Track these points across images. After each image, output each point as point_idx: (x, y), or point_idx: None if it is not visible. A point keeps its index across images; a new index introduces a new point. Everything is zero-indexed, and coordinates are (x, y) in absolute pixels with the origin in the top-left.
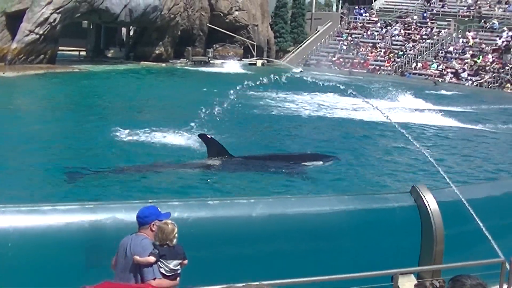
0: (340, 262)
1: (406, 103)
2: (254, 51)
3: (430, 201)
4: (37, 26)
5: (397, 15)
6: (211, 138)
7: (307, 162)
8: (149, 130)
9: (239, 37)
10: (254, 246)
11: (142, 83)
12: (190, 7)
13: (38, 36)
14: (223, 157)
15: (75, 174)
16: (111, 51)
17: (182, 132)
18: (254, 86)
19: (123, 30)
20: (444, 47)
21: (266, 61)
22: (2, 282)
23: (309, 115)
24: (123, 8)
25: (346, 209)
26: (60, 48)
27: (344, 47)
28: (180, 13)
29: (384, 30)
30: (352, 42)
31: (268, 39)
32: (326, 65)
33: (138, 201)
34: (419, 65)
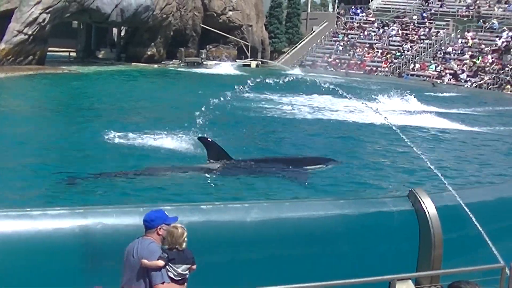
0: (336, 268)
1: (404, 105)
2: (248, 52)
3: (428, 205)
4: (26, 26)
5: (394, 15)
6: (211, 141)
7: (309, 166)
8: (141, 133)
9: (233, 37)
10: (248, 251)
11: (133, 85)
12: (183, 7)
13: (27, 36)
14: (224, 160)
15: (71, 178)
16: (102, 52)
17: (176, 135)
18: (249, 88)
19: (114, 30)
20: (442, 48)
21: (260, 62)
22: None
23: (305, 117)
24: (114, 7)
25: (342, 213)
26: (49, 48)
27: (340, 48)
28: (172, 13)
29: (381, 31)
30: (348, 43)
31: (262, 40)
32: (322, 66)
33: (129, 205)
34: (417, 66)
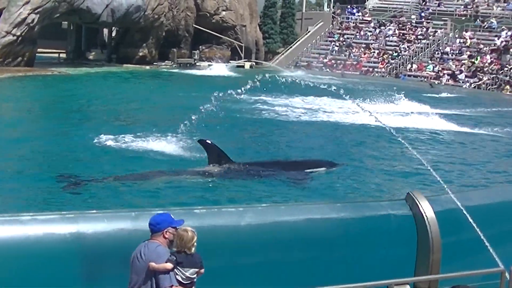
0: (332, 272)
1: (401, 106)
2: (242, 53)
3: (426, 208)
4: (14, 27)
5: (391, 15)
6: (212, 144)
7: (310, 169)
8: (134, 136)
9: (226, 38)
10: (243, 256)
11: (125, 87)
12: (175, 7)
13: (15, 37)
14: (225, 163)
15: (68, 184)
16: (93, 53)
17: (169, 137)
18: (243, 90)
19: (105, 31)
20: (440, 48)
21: (254, 63)
22: None
23: (301, 120)
24: (105, 8)
25: (338, 217)
26: (38, 50)
27: (336, 48)
28: (164, 13)
29: (377, 30)
30: (344, 43)
31: (256, 40)
32: (317, 67)
33: (121, 210)
34: (414, 66)
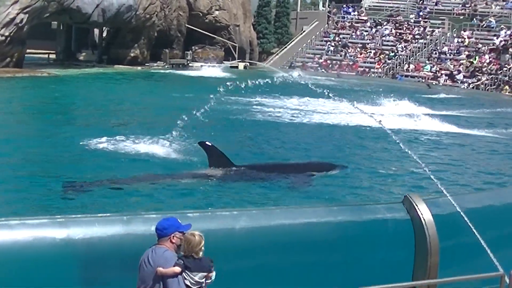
0: (329, 277)
1: (398, 108)
2: (235, 53)
3: (423, 211)
4: (2, 27)
5: (387, 14)
6: (212, 146)
7: (314, 172)
8: (126, 138)
9: (220, 38)
10: (237, 260)
11: (116, 88)
12: (167, 7)
13: (3, 38)
14: (226, 166)
15: (66, 187)
16: (83, 54)
17: (162, 140)
18: (237, 91)
19: (96, 31)
20: (438, 48)
21: (248, 63)
22: None
23: (297, 121)
24: (95, 7)
25: (335, 220)
26: (27, 50)
27: (331, 48)
28: (156, 13)
29: (374, 30)
30: (340, 43)
31: (250, 40)
32: (312, 67)
33: (113, 214)
34: (412, 66)
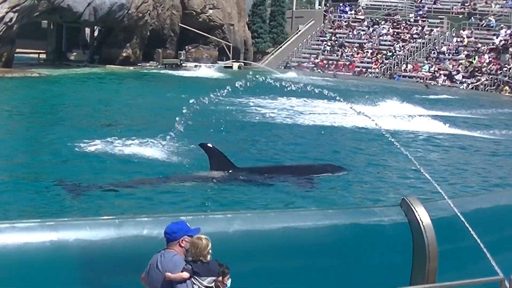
0: (324, 282)
1: (395, 108)
2: (230, 53)
3: (421, 214)
4: None
5: (385, 13)
6: (213, 148)
7: (317, 174)
8: (118, 140)
9: (214, 37)
10: (231, 264)
11: (108, 89)
12: (160, 5)
13: None
14: (227, 168)
15: (65, 189)
16: (74, 54)
17: (155, 142)
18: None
19: (87, 30)
20: (436, 47)
21: (243, 63)
22: None
23: (293, 122)
24: (87, 6)
25: (330, 224)
26: (17, 50)
27: (327, 48)
28: (149, 11)
29: (371, 29)
30: (336, 43)
31: (245, 40)
32: (308, 67)
33: (104, 217)
34: (410, 66)
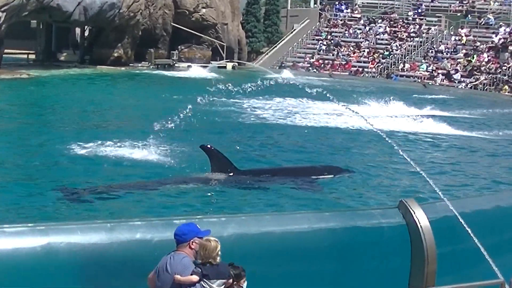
0: (321, 286)
1: (393, 109)
2: (223, 53)
3: (420, 216)
4: None
5: (382, 11)
6: (215, 150)
7: (319, 176)
8: (110, 142)
9: (207, 37)
10: None
11: (99, 90)
12: (152, 5)
13: None
14: (229, 171)
15: (62, 193)
16: (64, 54)
17: (147, 144)
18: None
19: (77, 30)
20: (434, 46)
21: (237, 63)
22: None
23: (288, 123)
24: (77, 5)
25: (327, 227)
26: (5, 50)
27: (323, 47)
28: (140, 11)
29: (367, 28)
30: (332, 42)
31: (239, 39)
32: (303, 67)
33: (95, 221)
34: (407, 66)
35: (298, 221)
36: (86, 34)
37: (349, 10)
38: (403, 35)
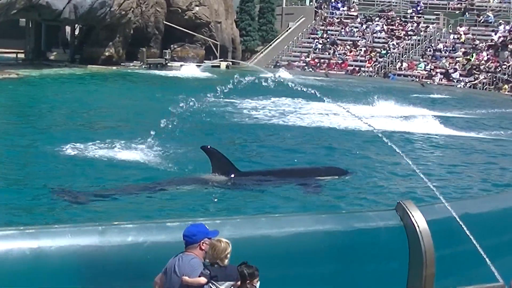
0: None
1: (390, 109)
2: (217, 52)
3: (418, 219)
4: None
5: (379, 9)
6: (216, 151)
7: (321, 177)
8: (102, 144)
9: (200, 36)
10: None
11: (90, 90)
12: (144, 2)
13: None
14: (230, 172)
15: (59, 195)
16: (54, 53)
17: (140, 145)
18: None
19: (67, 28)
20: (432, 44)
21: (231, 63)
22: None
23: (284, 124)
24: (67, 3)
25: (323, 229)
26: None
27: (319, 46)
28: (132, 9)
29: (364, 26)
30: (328, 40)
31: (233, 38)
32: (299, 66)
33: (86, 224)
34: (405, 65)
35: (294, 223)
36: (77, 32)
37: (345, 8)
38: (401, 34)
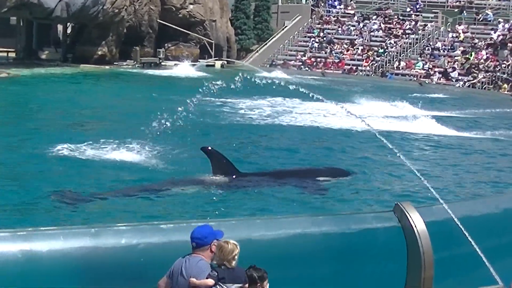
0: None
1: (388, 109)
2: (212, 51)
3: (416, 220)
4: None
5: (376, 7)
6: (216, 152)
7: (323, 178)
8: (95, 144)
9: (195, 34)
10: None
11: (82, 90)
12: (137, 1)
13: None
14: (231, 173)
15: (58, 197)
16: (46, 52)
17: (135, 146)
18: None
19: (59, 27)
20: (430, 43)
21: (226, 62)
22: None
23: (281, 124)
24: (59, 1)
25: (320, 231)
26: None
27: (315, 45)
28: (125, 7)
29: (361, 25)
30: (324, 39)
31: (228, 37)
32: (295, 65)
33: (79, 226)
34: (402, 64)
35: (290, 225)
36: (69, 31)
37: (342, 6)
38: (398, 32)
